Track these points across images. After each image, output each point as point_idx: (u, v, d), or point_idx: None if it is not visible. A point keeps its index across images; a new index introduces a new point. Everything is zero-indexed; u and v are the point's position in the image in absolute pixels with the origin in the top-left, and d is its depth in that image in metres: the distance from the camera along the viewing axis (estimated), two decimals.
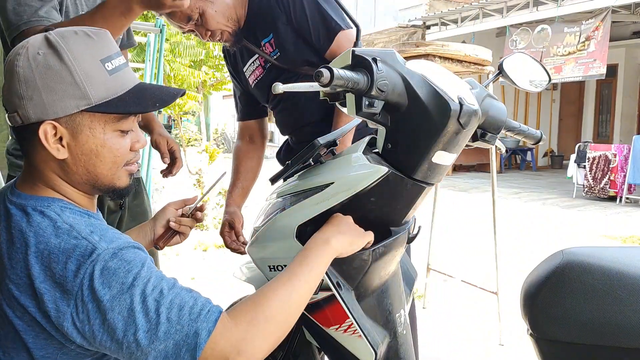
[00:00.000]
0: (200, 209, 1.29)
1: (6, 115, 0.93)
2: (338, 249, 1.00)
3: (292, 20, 1.67)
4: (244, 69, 1.82)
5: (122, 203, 1.70)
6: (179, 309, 0.84)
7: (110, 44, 0.95)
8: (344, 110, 1.01)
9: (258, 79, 1.80)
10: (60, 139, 0.91)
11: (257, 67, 1.78)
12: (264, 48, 1.73)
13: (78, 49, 0.91)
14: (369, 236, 1.06)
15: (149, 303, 0.84)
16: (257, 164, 1.98)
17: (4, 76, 0.92)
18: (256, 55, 1.76)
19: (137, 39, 5.83)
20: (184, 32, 1.65)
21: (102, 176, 0.96)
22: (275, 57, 1.73)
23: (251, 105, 1.95)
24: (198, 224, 1.21)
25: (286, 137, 1.98)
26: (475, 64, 2.98)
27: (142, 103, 0.96)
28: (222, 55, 1.99)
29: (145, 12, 1.39)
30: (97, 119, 0.92)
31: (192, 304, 0.85)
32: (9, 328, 0.90)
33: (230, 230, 1.79)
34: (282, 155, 1.98)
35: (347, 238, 1.02)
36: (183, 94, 1.05)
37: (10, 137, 1.63)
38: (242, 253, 1.72)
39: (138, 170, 1.11)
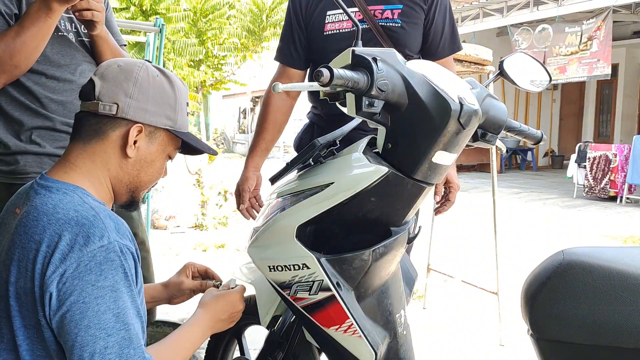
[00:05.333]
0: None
1: (97, 102, 1.05)
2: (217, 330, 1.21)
3: (430, 12, 1.67)
4: (329, 12, 1.70)
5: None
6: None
7: (188, 97, 1.17)
8: (344, 110, 1.01)
9: (339, 31, 1.69)
10: (135, 141, 1.07)
11: (347, 19, 1.68)
12: (376, 10, 1.67)
13: (181, 87, 1.14)
14: (240, 304, 1.24)
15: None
16: (285, 119, 1.87)
17: (111, 75, 1.07)
18: (355, 9, 1.67)
19: (137, 38, 5.82)
20: None
21: (142, 184, 1.13)
22: (388, 25, 1.67)
23: (305, 53, 1.80)
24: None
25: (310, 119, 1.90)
26: (475, 63, 2.98)
27: (201, 144, 1.19)
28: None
29: (145, 10, 1.40)
30: (168, 139, 1.12)
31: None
32: (3, 307, 0.96)
33: (248, 191, 1.79)
34: (305, 139, 1.86)
35: (226, 322, 1.22)
36: (216, 154, 1.29)
37: None
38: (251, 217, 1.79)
39: None
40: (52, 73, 1.49)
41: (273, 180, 1.19)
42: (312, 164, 1.16)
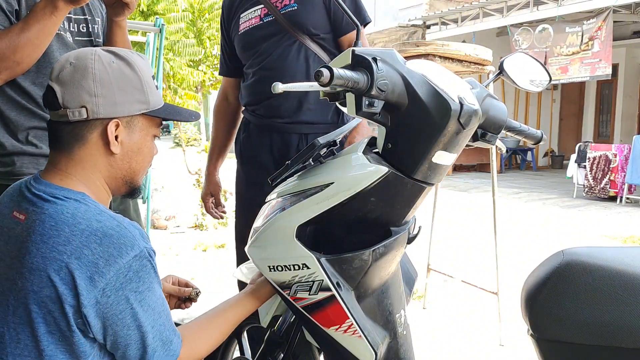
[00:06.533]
0: (191, 300, 1.36)
1: (65, 110, 1.01)
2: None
3: None
4: (242, 14, 1.83)
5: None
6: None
7: (151, 70, 1.11)
8: (344, 109, 1.01)
9: (250, 27, 1.81)
10: (116, 136, 1.03)
11: (255, 16, 1.79)
12: (277, 1, 1.76)
13: (140, 63, 1.07)
14: None
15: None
16: (233, 125, 2.06)
17: (68, 77, 1.02)
18: (261, 5, 1.78)
19: (137, 38, 5.83)
20: None
21: (137, 173, 1.10)
22: (287, 11, 1.74)
23: (235, 60, 1.94)
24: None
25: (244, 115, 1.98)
26: (475, 63, 2.97)
27: (181, 113, 1.15)
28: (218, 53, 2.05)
29: (143, 11, 1.40)
30: (148, 122, 1.08)
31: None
32: (22, 314, 0.95)
33: (211, 197, 2.08)
34: (243, 142, 1.95)
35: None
36: (198, 118, 1.22)
37: None
38: (220, 217, 2.12)
39: None
40: (48, 73, 1.49)
41: (273, 180, 1.19)
42: (312, 164, 1.16)
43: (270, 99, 1.80)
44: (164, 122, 1.15)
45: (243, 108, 1.98)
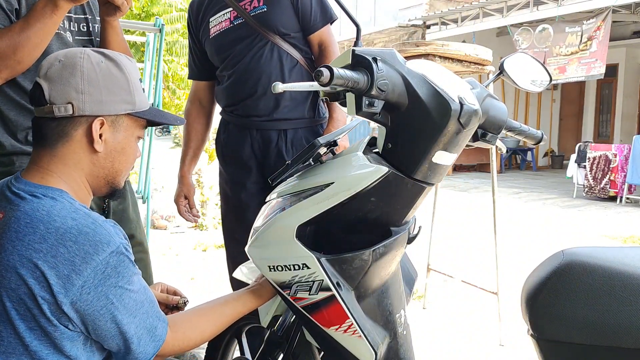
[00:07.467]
0: (179, 309, 1.34)
1: (51, 106, 1.02)
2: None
3: None
4: (211, 19, 1.85)
5: (105, 207, 1.66)
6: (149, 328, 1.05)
7: (138, 72, 1.13)
8: (344, 110, 1.01)
9: (220, 30, 1.83)
10: (100, 135, 1.04)
11: (225, 19, 1.82)
12: (245, 3, 1.78)
13: (129, 65, 1.09)
14: None
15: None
16: (206, 127, 2.09)
17: (56, 74, 1.03)
18: (229, 9, 1.80)
19: (136, 38, 5.83)
20: None
21: (120, 173, 1.11)
22: (257, 12, 1.77)
23: (205, 64, 1.96)
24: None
25: (221, 116, 2.00)
26: (475, 63, 2.97)
27: (166, 117, 1.16)
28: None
29: (139, 14, 1.41)
30: (132, 123, 1.10)
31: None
32: (1, 312, 0.95)
33: (185, 200, 2.09)
34: (224, 142, 1.98)
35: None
36: (183, 122, 1.26)
37: None
38: (194, 221, 2.14)
39: None
40: None
41: (273, 180, 1.19)
42: (312, 163, 1.16)
43: (247, 99, 1.84)
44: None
45: (221, 109, 2.00)
